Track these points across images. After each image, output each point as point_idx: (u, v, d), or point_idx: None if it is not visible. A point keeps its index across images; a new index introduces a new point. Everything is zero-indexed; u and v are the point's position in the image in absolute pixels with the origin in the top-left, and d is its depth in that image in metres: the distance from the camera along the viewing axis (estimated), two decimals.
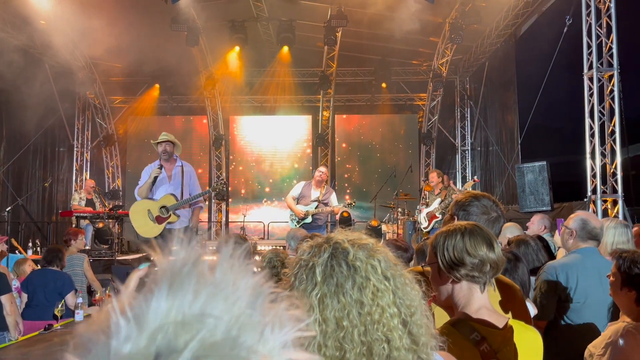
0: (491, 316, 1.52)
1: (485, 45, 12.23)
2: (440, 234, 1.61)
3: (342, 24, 10.91)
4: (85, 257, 5.96)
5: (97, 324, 0.44)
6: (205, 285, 0.43)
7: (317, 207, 7.23)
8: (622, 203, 7.50)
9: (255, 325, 0.43)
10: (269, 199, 14.49)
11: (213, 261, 0.46)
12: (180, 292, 0.43)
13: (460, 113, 14.50)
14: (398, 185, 10.67)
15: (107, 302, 0.46)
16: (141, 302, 0.43)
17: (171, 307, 0.42)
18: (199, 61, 12.96)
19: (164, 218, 5.68)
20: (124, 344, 0.40)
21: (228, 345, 0.40)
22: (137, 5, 9.69)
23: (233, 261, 0.47)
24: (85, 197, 10.91)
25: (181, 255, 0.47)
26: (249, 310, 0.43)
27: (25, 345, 3.77)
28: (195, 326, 0.40)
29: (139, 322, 0.41)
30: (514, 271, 2.49)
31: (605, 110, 7.81)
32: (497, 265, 1.54)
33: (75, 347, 0.43)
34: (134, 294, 0.44)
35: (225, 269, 0.46)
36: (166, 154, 5.84)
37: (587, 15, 7.97)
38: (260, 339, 0.42)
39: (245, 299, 0.44)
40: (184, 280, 0.44)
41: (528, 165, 8.56)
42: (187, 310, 0.42)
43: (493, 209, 2.08)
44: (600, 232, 3.05)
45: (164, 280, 0.44)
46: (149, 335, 0.40)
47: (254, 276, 0.47)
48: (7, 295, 4.52)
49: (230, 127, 14.82)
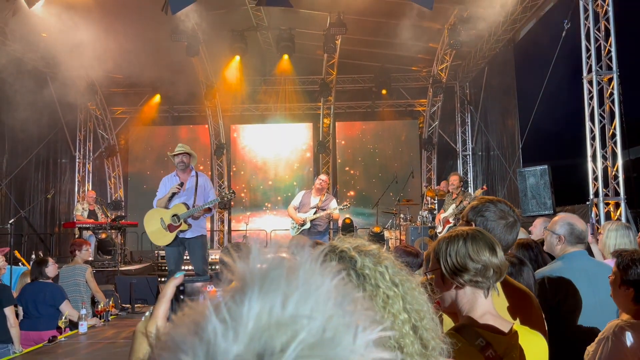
0: (496, 321, 1.52)
1: (484, 51, 12.26)
2: (442, 239, 1.60)
3: (341, 31, 10.96)
4: (88, 267, 5.96)
5: (185, 325, 0.44)
6: (294, 287, 0.44)
7: (315, 213, 7.28)
8: (624, 206, 7.49)
9: (348, 326, 0.43)
10: (271, 207, 14.50)
11: (295, 264, 0.47)
12: (271, 294, 0.43)
13: (461, 118, 14.52)
14: (400, 191, 10.67)
15: (195, 304, 0.46)
16: (234, 304, 0.43)
17: (263, 309, 0.42)
18: (200, 71, 13.02)
19: (176, 226, 5.83)
20: (232, 345, 0.40)
21: (327, 345, 0.41)
22: (137, 17, 9.74)
23: (314, 264, 0.48)
24: (88, 208, 10.94)
25: (265, 258, 0.47)
26: (339, 310, 0.44)
27: (29, 357, 3.77)
28: (290, 327, 0.41)
29: (236, 323, 0.41)
30: (519, 275, 2.48)
31: (606, 113, 7.81)
32: (500, 270, 1.54)
33: (165, 348, 0.43)
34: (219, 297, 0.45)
35: (308, 272, 0.46)
36: (183, 164, 6.02)
37: (585, 19, 8.00)
38: (354, 339, 0.43)
39: (332, 300, 0.45)
40: (274, 283, 0.44)
41: (529, 169, 8.55)
42: (280, 312, 0.42)
43: (510, 213, 2.06)
44: (587, 233, 3.02)
45: (253, 282, 0.44)
46: (248, 337, 0.40)
47: (334, 278, 0.47)
48: (10, 308, 4.54)
49: (231, 136, 14.86)
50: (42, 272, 5.11)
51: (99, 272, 8.89)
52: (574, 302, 2.83)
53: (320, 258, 0.49)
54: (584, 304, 2.82)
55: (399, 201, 10.41)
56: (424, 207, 10.86)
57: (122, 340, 4.16)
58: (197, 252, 6.04)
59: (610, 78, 7.78)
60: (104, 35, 9.75)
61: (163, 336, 0.45)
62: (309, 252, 0.50)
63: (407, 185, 11.25)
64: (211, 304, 0.44)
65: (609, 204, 7.73)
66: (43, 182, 13.04)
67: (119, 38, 9.81)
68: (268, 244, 1.96)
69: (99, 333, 4.57)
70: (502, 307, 1.80)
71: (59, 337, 4.37)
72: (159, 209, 5.98)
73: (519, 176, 8.71)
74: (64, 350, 3.94)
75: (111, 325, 4.96)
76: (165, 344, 0.44)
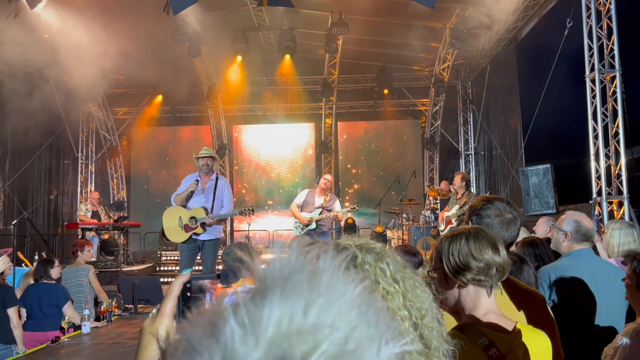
0: (499, 320, 1.51)
1: (486, 50, 12.24)
2: (445, 238, 1.60)
3: (343, 31, 10.95)
4: (91, 268, 5.97)
5: (202, 325, 0.42)
6: (317, 293, 0.42)
7: (320, 214, 7.26)
8: (627, 204, 7.46)
9: (372, 338, 0.42)
10: (274, 207, 14.50)
11: (317, 268, 0.45)
12: (292, 300, 0.41)
13: (463, 117, 14.50)
14: (402, 191, 10.66)
15: (212, 304, 0.44)
16: (254, 307, 0.41)
17: (284, 315, 0.40)
18: (202, 71, 13.03)
19: (192, 228, 6.07)
20: (251, 351, 0.38)
21: (349, 357, 0.39)
22: (138, 17, 9.75)
23: (336, 270, 0.46)
24: (91, 209, 10.96)
25: (289, 261, 0.46)
26: (363, 321, 0.42)
27: (33, 358, 3.78)
28: (312, 336, 0.39)
29: (255, 328, 0.40)
30: (519, 273, 2.47)
31: (608, 112, 7.79)
32: (503, 268, 1.53)
33: (181, 349, 0.42)
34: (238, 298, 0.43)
35: (331, 278, 0.45)
36: (207, 167, 6.24)
37: (587, 17, 7.98)
38: (378, 352, 0.41)
39: (356, 309, 0.43)
40: (296, 287, 0.42)
41: (532, 168, 8.53)
42: (301, 319, 0.40)
43: (507, 210, 2.06)
44: (593, 232, 3.01)
45: (275, 286, 0.43)
46: (268, 344, 0.39)
47: (358, 286, 0.45)
48: (14, 308, 4.54)
49: (233, 136, 14.87)
50: (47, 272, 5.12)
51: (101, 273, 8.90)
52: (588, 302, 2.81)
53: (344, 264, 0.47)
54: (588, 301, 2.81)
55: (401, 201, 10.40)
56: (426, 206, 10.85)
57: (125, 340, 4.17)
58: (209, 254, 6.22)
59: (613, 76, 7.76)
60: (105, 36, 9.77)
61: (178, 335, 0.43)
62: (332, 257, 0.48)
63: (409, 185, 11.23)
64: (230, 305, 0.42)
65: (612, 202, 7.71)
66: (46, 183, 13.07)
67: (120, 39, 9.82)
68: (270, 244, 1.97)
69: (102, 333, 4.57)
70: (504, 305, 1.79)
71: (62, 337, 4.38)
72: (180, 207, 6.20)
73: (522, 175, 8.69)
74: (67, 350, 3.95)
75: (114, 325, 4.97)
76: (180, 343, 0.42)
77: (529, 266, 2.57)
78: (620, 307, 2.82)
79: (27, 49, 10.08)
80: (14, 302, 4.61)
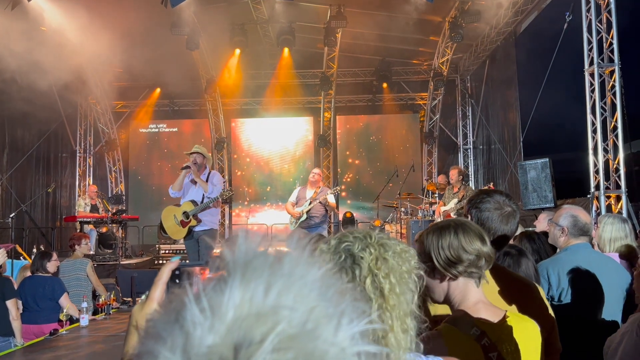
0: (488, 309, 1.53)
1: (485, 44, 12.22)
2: (431, 233, 1.60)
3: (342, 24, 10.92)
4: (89, 261, 5.97)
5: (168, 312, 0.43)
6: (277, 277, 0.43)
7: (310, 204, 7.39)
8: (625, 198, 7.48)
9: (330, 318, 0.42)
10: (272, 200, 14.50)
11: (281, 253, 0.46)
12: (253, 284, 0.42)
13: (462, 111, 14.49)
14: (401, 185, 10.66)
15: (178, 291, 0.45)
16: (215, 292, 0.42)
17: (244, 298, 0.41)
18: (200, 65, 12.98)
19: (187, 222, 6.25)
20: (207, 335, 0.39)
21: (306, 337, 0.40)
22: (137, 10, 9.71)
23: (301, 253, 0.47)
24: (90, 203, 10.96)
25: (250, 246, 0.47)
26: (322, 302, 0.43)
27: (31, 350, 3.78)
28: (270, 318, 0.40)
29: (215, 312, 0.41)
30: (517, 266, 2.47)
31: (607, 106, 7.79)
32: (490, 258, 1.56)
33: (148, 335, 0.43)
34: (201, 284, 0.44)
35: (293, 261, 0.45)
36: (196, 164, 6.36)
37: (587, 11, 7.96)
38: (336, 331, 0.42)
39: (316, 290, 0.44)
40: (256, 272, 0.43)
41: (530, 162, 8.53)
42: (261, 301, 0.41)
43: (506, 203, 2.05)
44: (591, 226, 3.00)
45: (236, 270, 0.44)
46: (226, 326, 0.40)
47: (321, 268, 0.46)
48: (12, 301, 4.54)
49: (231, 130, 14.85)
50: (43, 266, 5.12)
51: (100, 266, 8.90)
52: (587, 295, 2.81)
53: (308, 247, 0.48)
54: (587, 295, 2.82)
55: (400, 195, 10.40)
56: (425, 200, 10.86)
57: (123, 333, 4.17)
58: (204, 245, 6.34)
59: (612, 71, 7.75)
60: (104, 29, 9.72)
61: (148, 322, 0.44)
62: (298, 241, 0.49)
63: (408, 179, 11.23)
64: (192, 292, 0.43)
65: (610, 197, 7.72)
66: (44, 176, 13.05)
67: (119, 31, 9.77)
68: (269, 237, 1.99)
69: (100, 326, 4.58)
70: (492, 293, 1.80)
71: (60, 330, 4.39)
72: (173, 207, 6.42)
73: (520, 169, 8.69)
74: (65, 343, 3.95)
75: (112, 318, 4.98)
76: (148, 330, 0.43)
77: (527, 259, 2.57)
78: (618, 300, 2.83)
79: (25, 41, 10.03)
80: (13, 294, 4.61)
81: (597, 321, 2.81)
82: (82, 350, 3.83)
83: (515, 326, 1.51)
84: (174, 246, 11.13)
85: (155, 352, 0.41)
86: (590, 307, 2.83)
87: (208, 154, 6.67)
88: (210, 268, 0.47)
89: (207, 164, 6.54)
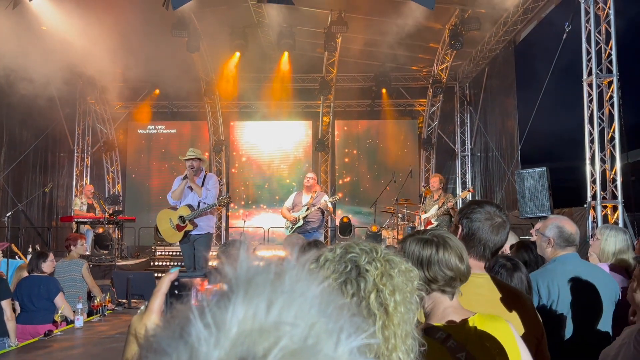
0: (457, 312, 1.55)
1: (484, 52, 12.27)
2: (414, 243, 1.60)
3: (343, 30, 10.95)
4: (84, 262, 5.96)
5: (171, 327, 0.44)
6: (278, 293, 0.44)
7: (307, 210, 7.41)
8: (622, 209, 7.51)
9: (330, 333, 0.44)
10: (269, 204, 14.49)
11: (281, 269, 0.47)
12: (255, 300, 0.43)
13: (460, 119, 14.53)
14: (398, 191, 10.67)
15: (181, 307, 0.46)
16: (218, 309, 0.43)
17: (247, 315, 0.42)
18: (200, 67, 13.00)
19: (182, 226, 6.23)
20: (213, 350, 0.40)
21: (307, 352, 0.41)
22: (137, 11, 9.72)
23: (300, 269, 0.48)
24: (87, 202, 10.93)
25: (251, 263, 0.48)
26: (322, 318, 0.44)
27: (25, 351, 3.77)
28: (273, 334, 0.41)
29: (220, 328, 0.42)
30: (510, 279, 2.47)
31: (605, 116, 7.82)
32: (465, 277, 1.57)
33: (151, 350, 0.43)
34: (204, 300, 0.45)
35: (294, 278, 0.47)
36: (193, 169, 6.34)
37: (586, 22, 8.01)
38: (336, 346, 0.43)
39: (316, 307, 0.45)
40: (258, 289, 0.44)
41: (528, 171, 8.56)
42: (264, 318, 0.42)
43: (497, 214, 2.05)
44: (577, 236, 2.97)
45: (238, 287, 0.45)
46: (231, 342, 0.41)
47: (320, 284, 0.47)
48: (7, 301, 4.53)
49: (230, 133, 14.84)
50: (38, 266, 5.11)
51: (95, 267, 8.88)
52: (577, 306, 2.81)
53: (308, 264, 0.49)
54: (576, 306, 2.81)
55: (397, 201, 10.40)
56: (422, 207, 10.86)
57: (118, 335, 4.16)
58: (200, 249, 6.36)
59: (610, 81, 7.79)
60: (104, 29, 9.73)
61: (151, 337, 0.45)
62: (298, 257, 0.50)
63: (405, 185, 11.24)
64: (196, 308, 0.44)
65: (606, 207, 7.75)
66: (41, 175, 13.02)
67: (119, 32, 9.78)
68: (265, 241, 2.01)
69: (95, 328, 4.57)
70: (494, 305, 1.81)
71: (54, 331, 4.37)
72: (169, 210, 6.40)
73: (517, 178, 8.71)
74: (60, 344, 3.94)
75: (107, 320, 4.96)
76: (151, 345, 0.44)
77: (520, 272, 2.56)
78: (608, 310, 2.83)
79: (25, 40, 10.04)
80: (8, 294, 4.60)
81: (590, 332, 2.81)
82: (77, 351, 3.82)
83: (485, 326, 1.51)
84: (170, 248, 11.11)
85: None
86: (583, 318, 2.83)
87: (204, 156, 6.70)
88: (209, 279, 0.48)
89: (202, 166, 6.56)
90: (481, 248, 2.01)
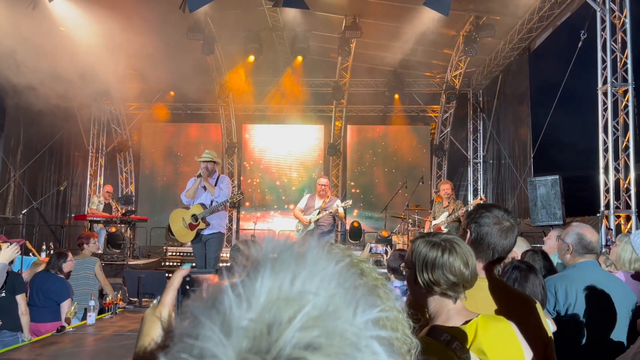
0: (461, 314, 1.57)
1: (499, 59, 12.23)
2: (422, 245, 1.62)
3: (357, 35, 10.99)
4: (97, 260, 6.03)
5: (205, 300, 0.49)
6: (301, 268, 0.49)
7: (318, 214, 7.52)
8: (635, 218, 7.44)
9: (348, 304, 0.48)
10: (280, 207, 14.53)
11: (304, 248, 0.53)
12: (282, 274, 0.48)
13: (473, 125, 14.48)
14: (409, 197, 10.65)
15: (214, 282, 0.50)
16: (249, 281, 0.48)
17: (274, 286, 0.47)
18: (214, 70, 13.10)
19: (195, 225, 6.34)
20: (245, 314, 0.45)
21: (328, 317, 0.46)
22: (154, 14, 9.84)
23: (321, 249, 0.53)
24: (104, 202, 11.07)
25: (277, 243, 0.53)
26: (341, 290, 0.49)
27: (38, 346, 3.83)
28: (297, 302, 0.46)
29: (250, 297, 0.47)
30: (524, 281, 2.48)
31: (619, 125, 7.77)
32: (469, 283, 1.59)
33: (185, 319, 0.48)
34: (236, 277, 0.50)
35: (315, 256, 0.52)
36: (207, 170, 6.49)
37: (602, 30, 7.97)
38: (354, 315, 0.48)
39: (335, 281, 0.50)
40: (284, 264, 0.50)
41: (540, 178, 8.51)
42: (289, 288, 0.47)
43: (505, 218, 2.05)
44: (597, 245, 3.01)
45: (266, 263, 0.50)
46: (260, 308, 0.46)
47: (339, 262, 0.53)
48: (22, 295, 4.59)
49: (243, 136, 14.93)
50: (59, 265, 5.17)
51: (107, 266, 8.96)
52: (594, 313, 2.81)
53: (327, 246, 0.55)
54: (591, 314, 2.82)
55: (408, 206, 10.39)
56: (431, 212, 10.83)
57: (129, 332, 4.21)
58: (211, 249, 6.47)
59: (625, 90, 7.74)
60: (121, 31, 9.85)
61: (185, 309, 0.50)
62: (316, 240, 0.55)
63: (416, 191, 11.22)
64: (228, 282, 0.49)
65: (619, 216, 7.68)
66: (56, 174, 13.19)
67: (135, 34, 9.90)
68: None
69: (107, 325, 4.62)
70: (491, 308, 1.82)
71: (67, 327, 4.43)
72: (182, 209, 6.50)
73: (530, 185, 8.67)
74: (72, 340, 3.99)
75: (119, 317, 5.02)
76: (185, 316, 0.49)
77: (535, 276, 2.57)
78: (624, 319, 2.83)
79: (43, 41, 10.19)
80: (23, 288, 4.66)
81: (603, 340, 2.81)
82: (88, 347, 3.87)
83: (487, 327, 1.53)
84: (181, 248, 11.19)
85: (198, 329, 0.46)
86: (597, 327, 2.83)
87: (218, 159, 6.83)
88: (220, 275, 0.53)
89: (216, 168, 6.68)
90: (490, 252, 2.01)
